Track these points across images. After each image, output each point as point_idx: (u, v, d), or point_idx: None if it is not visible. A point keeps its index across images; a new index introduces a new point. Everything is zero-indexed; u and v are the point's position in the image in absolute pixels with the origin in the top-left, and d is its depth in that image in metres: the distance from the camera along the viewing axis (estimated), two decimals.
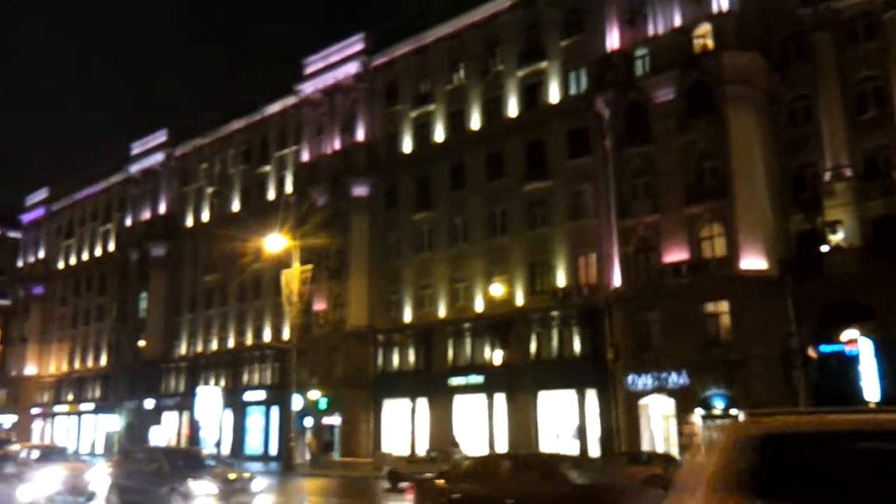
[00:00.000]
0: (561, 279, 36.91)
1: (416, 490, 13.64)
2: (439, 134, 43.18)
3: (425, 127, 43.93)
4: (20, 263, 77.52)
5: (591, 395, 34.71)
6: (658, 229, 32.73)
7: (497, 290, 38.29)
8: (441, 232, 41.94)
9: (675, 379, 30.75)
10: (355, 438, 42.26)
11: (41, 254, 74.78)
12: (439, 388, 39.87)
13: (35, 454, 24.17)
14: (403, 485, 24.51)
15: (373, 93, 46.59)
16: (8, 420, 67.48)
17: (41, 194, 75.73)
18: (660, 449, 30.98)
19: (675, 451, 29.68)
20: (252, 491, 17.56)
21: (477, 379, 38.66)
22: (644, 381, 31.78)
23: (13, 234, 77.94)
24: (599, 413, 34.22)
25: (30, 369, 71.97)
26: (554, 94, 38.85)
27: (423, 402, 40.92)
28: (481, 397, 38.42)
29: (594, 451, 33.51)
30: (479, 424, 38.23)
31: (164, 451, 21.38)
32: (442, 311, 41.01)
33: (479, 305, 39.54)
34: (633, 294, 32.87)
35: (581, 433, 34.72)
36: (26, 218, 77.08)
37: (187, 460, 18.71)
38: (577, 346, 35.95)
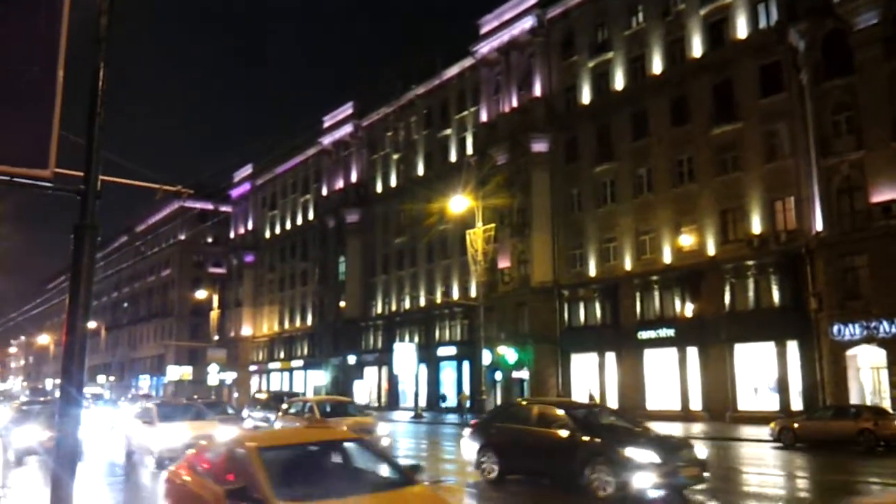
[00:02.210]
0: (756, 226, 34.96)
1: None
2: (619, 82, 41.96)
3: (604, 76, 42.85)
4: (232, 235, 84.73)
5: (792, 347, 32.83)
6: (864, 167, 30.06)
7: (686, 240, 37.01)
8: (624, 183, 40.96)
9: (888, 327, 28.38)
10: (544, 392, 42.68)
11: (250, 225, 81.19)
12: (628, 342, 39.34)
13: (324, 408, 22.00)
14: None
15: (548, 46, 46.00)
16: (229, 377, 74.32)
17: (246, 170, 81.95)
18: (869, 402, 28.86)
19: (886, 405, 27.52)
20: (698, 458, 12.87)
21: (667, 332, 37.74)
22: (851, 330, 29.60)
23: (225, 209, 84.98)
24: (801, 366, 32.34)
25: (245, 330, 78.89)
26: (741, 29, 36.48)
27: (611, 357, 40.59)
28: (672, 351, 37.51)
29: (796, 405, 31.77)
30: (671, 379, 37.39)
31: (564, 406, 14.75)
32: (628, 264, 40.23)
33: (667, 257, 38.39)
34: (837, 238, 30.54)
35: (781, 387, 33.02)
36: (235, 193, 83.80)
37: (589, 418, 14.32)
38: (775, 295, 34.02)
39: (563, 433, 13.31)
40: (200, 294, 75.78)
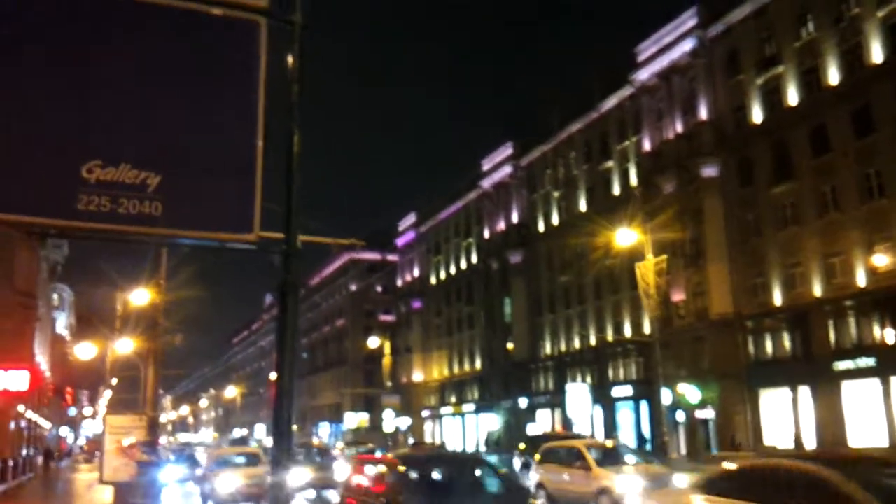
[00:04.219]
0: None
1: None
2: (793, 97, 39.46)
3: (775, 92, 40.45)
4: (399, 283, 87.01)
5: None
6: None
7: (881, 260, 33.97)
8: (806, 203, 38.23)
9: None
10: (731, 432, 40.17)
11: (416, 272, 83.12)
12: (823, 375, 36.24)
13: (595, 454, 19.14)
14: None
15: (712, 67, 44.19)
16: (403, 423, 75.60)
17: (410, 219, 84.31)
18: None
19: None
20: None
21: (867, 362, 34.50)
22: None
23: (392, 258, 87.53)
24: None
25: (416, 376, 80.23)
26: None
27: (805, 391, 37.55)
28: (874, 382, 34.19)
29: None
30: (874, 412, 34.01)
31: None
32: (817, 290, 37.30)
33: (861, 279, 35.26)
34: None
35: None
36: (400, 242, 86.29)
37: None
38: None
39: None
40: (373, 342, 77.99)
